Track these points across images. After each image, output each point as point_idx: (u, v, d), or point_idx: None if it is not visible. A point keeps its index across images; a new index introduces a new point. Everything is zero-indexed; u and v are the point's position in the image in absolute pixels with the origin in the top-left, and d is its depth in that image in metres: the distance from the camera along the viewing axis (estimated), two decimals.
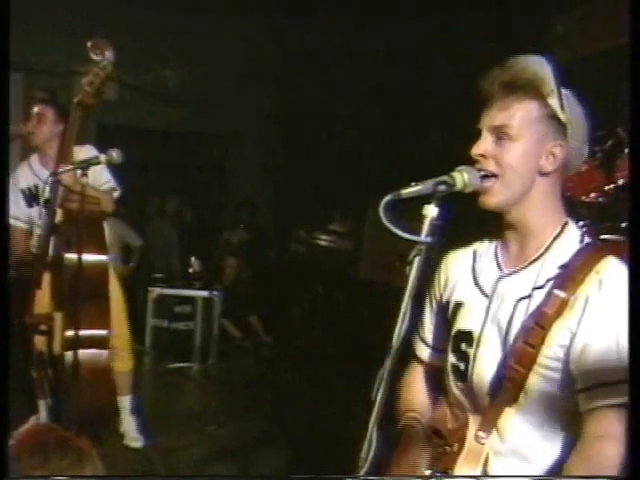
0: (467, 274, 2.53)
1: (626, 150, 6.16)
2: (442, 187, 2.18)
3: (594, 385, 2.24)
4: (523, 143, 2.32)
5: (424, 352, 2.69)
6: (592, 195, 6.16)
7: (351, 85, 9.78)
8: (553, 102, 2.32)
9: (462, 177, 2.24)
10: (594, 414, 2.24)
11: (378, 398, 2.12)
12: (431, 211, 2.14)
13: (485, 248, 2.54)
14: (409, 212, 2.13)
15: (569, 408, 2.31)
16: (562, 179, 2.43)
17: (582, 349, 2.25)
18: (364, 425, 2.11)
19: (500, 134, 2.32)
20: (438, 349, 2.62)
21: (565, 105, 2.33)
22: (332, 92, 9.97)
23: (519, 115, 2.31)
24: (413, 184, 2.17)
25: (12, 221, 5.62)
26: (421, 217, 2.15)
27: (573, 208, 6.03)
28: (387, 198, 2.12)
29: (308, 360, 8.04)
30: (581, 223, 6.02)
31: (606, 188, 6.16)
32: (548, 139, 2.34)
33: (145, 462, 5.48)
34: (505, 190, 2.33)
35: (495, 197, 2.34)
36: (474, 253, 2.56)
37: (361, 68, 9.46)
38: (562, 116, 2.33)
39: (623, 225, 5.97)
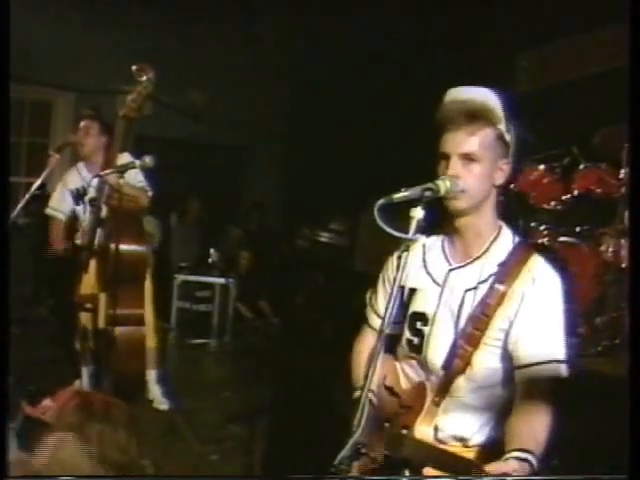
0: (419, 264, 2.61)
1: (581, 166, 6.17)
2: (428, 193, 2.26)
3: (527, 364, 2.37)
4: (484, 163, 2.41)
5: (375, 321, 2.76)
6: (552, 203, 6.18)
7: (352, 95, 9.74)
8: (502, 127, 2.44)
9: (445, 185, 2.33)
10: (527, 386, 2.36)
11: (370, 373, 2.14)
12: (418, 213, 2.19)
13: (433, 242, 2.62)
14: (399, 213, 2.14)
15: (507, 372, 2.44)
16: (497, 190, 2.53)
17: (518, 334, 2.39)
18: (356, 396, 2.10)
19: (467, 157, 2.40)
20: (393, 321, 2.60)
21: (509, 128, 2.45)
22: (334, 105, 9.93)
23: (480, 141, 2.40)
24: (403, 189, 2.21)
25: (54, 213, 5.72)
26: (409, 218, 2.17)
27: (535, 214, 6.05)
28: (380, 201, 2.19)
29: (309, 339, 8.03)
30: (542, 227, 6.03)
31: (563, 197, 6.18)
32: (499, 158, 2.46)
33: (170, 422, 5.47)
34: (470, 200, 2.42)
35: (461, 203, 2.42)
36: (423, 246, 2.63)
37: (361, 76, 9.41)
38: (508, 138, 2.46)
39: (577, 229, 5.97)
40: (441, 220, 2.53)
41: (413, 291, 2.59)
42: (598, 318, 5.57)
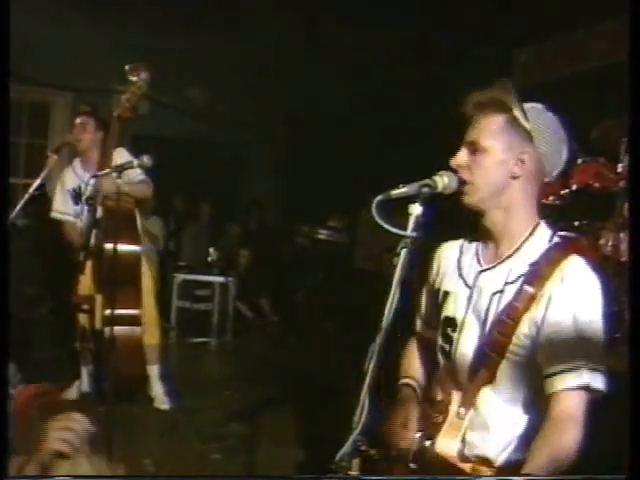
0: (453, 266, 2.53)
1: (579, 161, 6.17)
2: (426, 189, 2.20)
3: (556, 372, 2.21)
4: (492, 153, 2.31)
5: (419, 326, 2.71)
6: (550, 198, 6.16)
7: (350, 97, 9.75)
8: (517, 113, 2.30)
9: (442, 181, 2.27)
10: (557, 397, 2.21)
11: (370, 368, 2.12)
12: (416, 209, 2.15)
13: (469, 243, 2.53)
14: (398, 210, 2.12)
15: (533, 388, 2.30)
16: (538, 184, 2.40)
17: (546, 340, 2.23)
18: (358, 392, 2.09)
19: (474, 148, 2.32)
20: (431, 325, 2.62)
21: (531, 116, 2.31)
22: (333, 103, 9.94)
23: (487, 129, 2.31)
24: (401, 186, 2.17)
25: (61, 216, 5.71)
26: (408, 215, 2.14)
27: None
28: (379, 198, 2.14)
29: (309, 337, 8.03)
30: (550, 226, 6.03)
31: (562, 192, 6.16)
32: (516, 147, 2.31)
33: (171, 421, 5.46)
34: (477, 192, 2.33)
35: (469, 197, 2.34)
36: (460, 247, 2.55)
37: (360, 74, 9.41)
38: (527, 125, 2.31)
39: (576, 224, 5.97)
40: (474, 220, 2.43)
41: (446, 294, 2.50)
42: None
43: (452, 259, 2.54)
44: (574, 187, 6.13)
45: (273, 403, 5.73)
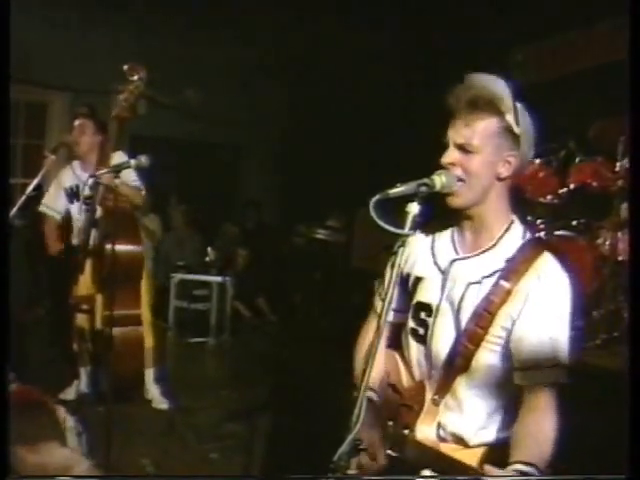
0: (427, 253, 2.54)
1: (576, 160, 6.18)
2: (423, 188, 2.20)
3: (527, 367, 2.30)
4: (484, 154, 2.33)
5: (380, 306, 2.63)
6: (548, 197, 6.19)
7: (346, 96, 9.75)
8: (509, 118, 2.32)
9: (441, 180, 2.27)
10: (530, 389, 2.30)
11: (368, 368, 2.12)
12: (414, 208, 2.15)
13: (443, 231, 2.55)
14: (395, 209, 2.12)
15: (507, 376, 2.36)
16: (511, 182, 2.43)
17: (520, 335, 2.31)
18: (352, 389, 2.10)
19: (465, 147, 2.32)
20: (396, 310, 2.62)
21: (519, 119, 2.34)
22: (331, 102, 9.94)
23: (481, 131, 2.32)
24: (398, 185, 2.17)
25: (48, 211, 5.74)
26: (405, 214, 2.14)
27: (532, 208, 6.05)
28: (376, 197, 2.13)
29: (307, 336, 8.03)
30: (539, 221, 6.04)
31: (560, 191, 6.19)
32: (504, 149, 2.35)
33: (169, 422, 5.47)
34: (469, 193, 2.35)
35: (460, 198, 2.36)
36: (433, 235, 2.57)
37: (358, 73, 9.41)
38: (517, 130, 2.34)
39: (574, 223, 5.97)
40: (450, 212, 2.45)
41: (419, 280, 2.52)
42: (596, 312, 5.57)
43: (425, 245, 2.56)
44: (572, 186, 6.15)
45: (271, 403, 5.74)
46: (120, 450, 4.23)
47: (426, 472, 2.34)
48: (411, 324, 2.53)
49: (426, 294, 2.49)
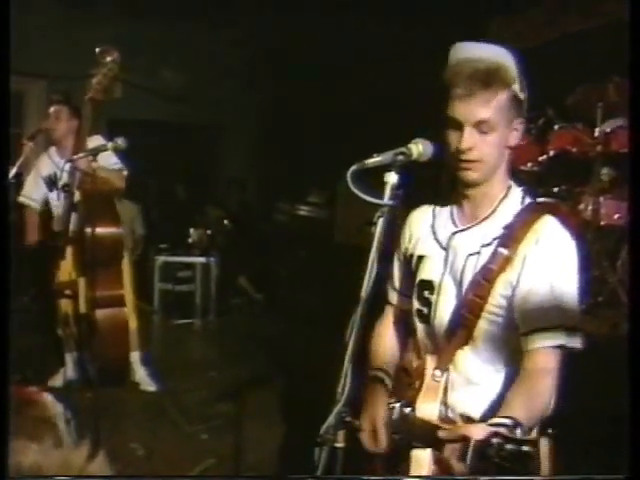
0: (427, 231, 2.51)
1: (555, 126, 6.19)
2: (400, 157, 2.18)
3: (532, 330, 2.25)
4: (499, 129, 2.28)
5: (394, 297, 2.68)
6: (528, 165, 6.21)
7: (324, 75, 9.72)
8: (516, 86, 2.29)
9: (417, 148, 2.23)
10: (532, 353, 2.25)
11: (351, 340, 2.11)
12: (392, 178, 2.13)
13: (442, 207, 2.52)
14: (374, 180, 2.11)
15: (511, 346, 2.32)
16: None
17: (522, 299, 2.26)
18: (341, 365, 2.09)
19: (482, 127, 2.26)
20: (405, 294, 2.60)
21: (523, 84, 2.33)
22: (309, 78, 9.92)
23: (497, 108, 2.26)
24: (375, 155, 2.16)
25: (27, 201, 5.76)
26: (384, 184, 2.13)
27: (512, 176, 6.06)
28: (353, 168, 2.11)
29: (293, 313, 8.04)
30: (520, 189, 6.05)
31: (540, 159, 6.21)
32: (513, 118, 2.32)
33: (158, 404, 5.47)
34: (485, 168, 2.31)
35: (477, 173, 2.31)
36: (433, 212, 2.54)
37: (334, 46, 9.38)
38: (522, 95, 2.32)
39: (555, 190, 5.99)
40: (452, 186, 2.43)
41: (421, 258, 2.49)
42: (580, 277, 5.58)
43: (425, 224, 2.52)
44: (552, 153, 6.17)
45: (259, 381, 5.74)
46: (109, 435, 4.23)
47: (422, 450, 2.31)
48: (416, 305, 2.49)
49: (428, 272, 2.46)
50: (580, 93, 6.20)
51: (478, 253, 2.33)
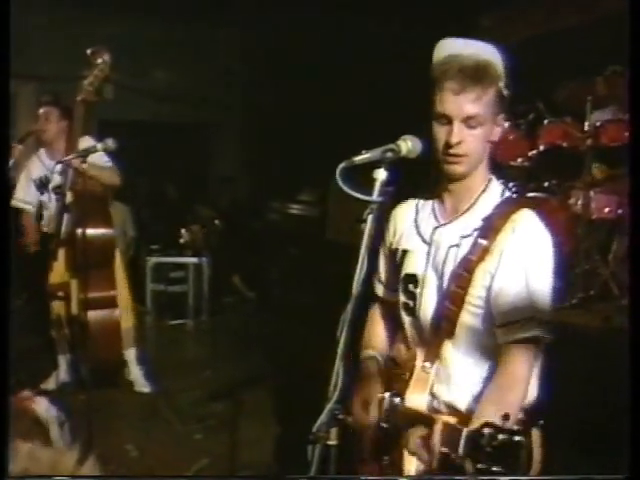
0: (411, 225, 2.54)
1: (545, 121, 6.19)
2: (389, 154, 2.18)
3: (506, 322, 2.28)
4: (486, 124, 2.31)
5: (380, 290, 2.71)
6: (518, 160, 6.21)
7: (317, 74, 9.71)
8: (501, 83, 2.32)
9: (406, 145, 2.23)
10: (507, 345, 2.28)
11: (342, 336, 2.12)
12: (381, 174, 2.14)
13: (425, 201, 2.55)
14: (364, 177, 2.11)
15: (492, 339, 2.34)
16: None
17: (498, 291, 2.30)
18: (333, 360, 2.09)
19: (471, 122, 2.29)
20: (392, 289, 2.63)
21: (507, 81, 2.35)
22: (299, 76, 9.91)
23: (485, 104, 2.29)
24: (364, 152, 2.16)
25: (22, 205, 5.74)
26: (373, 180, 2.13)
27: (503, 171, 6.06)
28: (342, 165, 2.12)
29: (286, 311, 8.04)
30: (511, 184, 6.05)
31: (530, 153, 6.21)
32: (497, 114, 2.35)
33: (152, 405, 5.46)
34: (470, 162, 2.34)
35: (462, 166, 2.34)
36: (416, 206, 2.57)
37: (325, 44, 9.37)
38: (506, 92, 2.34)
39: (545, 184, 6.00)
40: (435, 181, 2.45)
41: (405, 253, 2.52)
42: (571, 271, 5.60)
43: (409, 218, 2.56)
44: (542, 147, 6.17)
45: (252, 380, 5.73)
46: (103, 436, 4.22)
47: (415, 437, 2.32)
48: (402, 299, 2.53)
49: (412, 266, 2.49)
50: (569, 87, 6.21)
51: (458, 245, 2.37)
